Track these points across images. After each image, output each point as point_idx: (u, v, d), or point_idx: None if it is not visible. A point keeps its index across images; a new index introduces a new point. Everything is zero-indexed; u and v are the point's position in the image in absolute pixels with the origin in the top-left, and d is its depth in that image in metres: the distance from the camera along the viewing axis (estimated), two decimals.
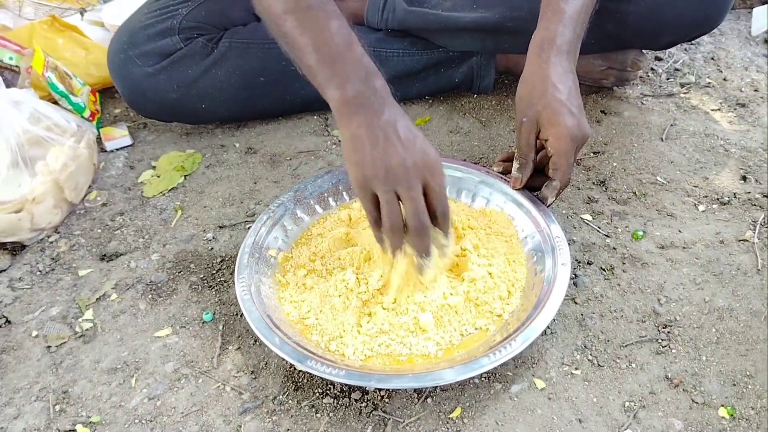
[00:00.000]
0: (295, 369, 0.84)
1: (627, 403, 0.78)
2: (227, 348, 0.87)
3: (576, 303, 0.90)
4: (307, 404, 0.80)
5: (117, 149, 1.24)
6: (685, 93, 1.27)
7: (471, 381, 0.81)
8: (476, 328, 0.84)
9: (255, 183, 1.14)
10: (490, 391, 0.80)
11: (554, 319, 0.88)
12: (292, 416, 0.79)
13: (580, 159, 1.12)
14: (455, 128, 1.23)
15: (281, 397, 0.81)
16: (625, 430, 0.76)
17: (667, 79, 1.32)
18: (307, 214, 1.00)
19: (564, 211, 1.03)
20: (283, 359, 0.79)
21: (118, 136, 1.25)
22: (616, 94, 1.27)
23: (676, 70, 1.35)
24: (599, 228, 1.00)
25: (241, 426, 0.78)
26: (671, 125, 1.19)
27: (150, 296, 0.95)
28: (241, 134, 1.26)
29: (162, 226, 1.07)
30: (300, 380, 0.83)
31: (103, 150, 1.24)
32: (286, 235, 0.97)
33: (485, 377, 0.81)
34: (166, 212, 1.10)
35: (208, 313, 0.91)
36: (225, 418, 0.79)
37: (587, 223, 1.01)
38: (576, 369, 0.82)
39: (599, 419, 0.77)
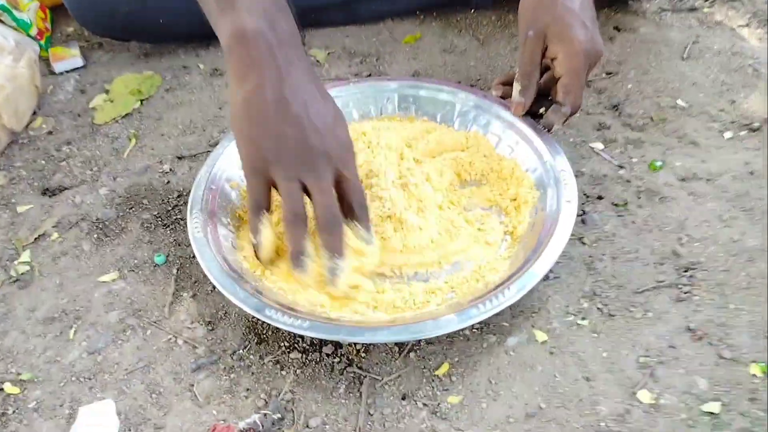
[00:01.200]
0: (258, 320, 0.72)
1: (642, 359, 0.67)
2: (181, 295, 0.76)
3: (584, 243, 0.78)
4: (270, 360, 0.69)
5: (67, 71, 1.10)
6: (708, 7, 1.12)
7: (461, 332, 0.70)
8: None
9: (220, 108, 1.00)
10: (483, 344, 0.69)
11: (558, 262, 0.75)
12: (252, 373, 0.68)
13: (590, 80, 0.98)
14: (449, 47, 1.08)
15: (241, 351, 0.70)
16: (641, 389, 0.65)
17: None
18: None
19: (571, 139, 0.90)
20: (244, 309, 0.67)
21: (68, 57, 1.10)
22: (632, 9, 1.12)
23: None
24: (612, 158, 0.87)
25: (193, 384, 0.67)
26: (693, 43, 1.05)
27: (96, 236, 0.83)
28: (207, 54, 1.11)
29: (113, 157, 0.94)
30: (264, 332, 0.71)
31: (52, 72, 1.10)
32: None
33: (477, 328, 0.70)
34: (119, 141, 0.97)
35: (160, 255, 0.79)
36: (175, 376, 0.68)
37: (598, 153, 0.88)
38: (583, 319, 0.71)
39: (610, 377, 0.66)
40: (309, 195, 0.66)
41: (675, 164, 0.86)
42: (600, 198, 0.83)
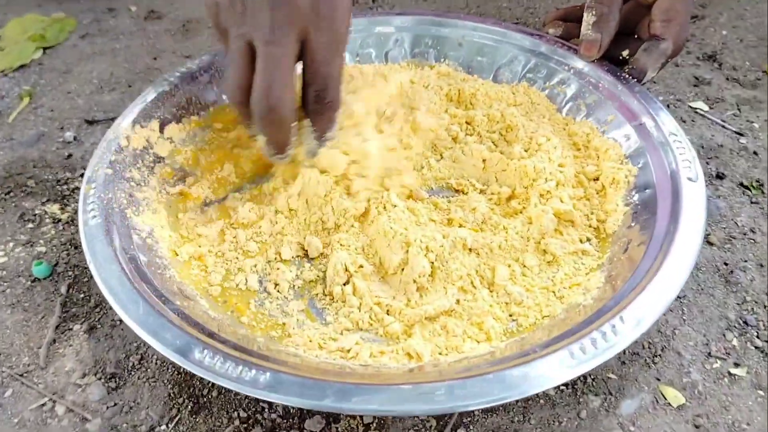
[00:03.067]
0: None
1: None
2: (69, 329, 0.46)
3: (711, 243, 0.50)
4: None
5: None
6: None
7: (541, 393, 0.41)
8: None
9: (155, 59, 0.71)
10: (580, 411, 0.41)
11: None
12: None
13: None
14: None
15: (164, 427, 0.40)
16: None
17: None
18: None
19: (661, 98, 0.63)
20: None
21: None
22: None
23: None
24: (723, 121, 0.60)
25: None
26: None
27: None
28: None
29: None
30: (204, 392, 0.42)
31: None
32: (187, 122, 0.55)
33: (566, 384, 0.42)
34: (5, 101, 0.67)
35: (40, 263, 0.49)
36: None
37: (702, 115, 0.61)
38: (736, 365, 0.43)
39: None
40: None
41: None
42: (720, 177, 0.55)
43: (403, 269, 0.45)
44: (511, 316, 0.43)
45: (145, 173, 0.50)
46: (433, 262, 0.45)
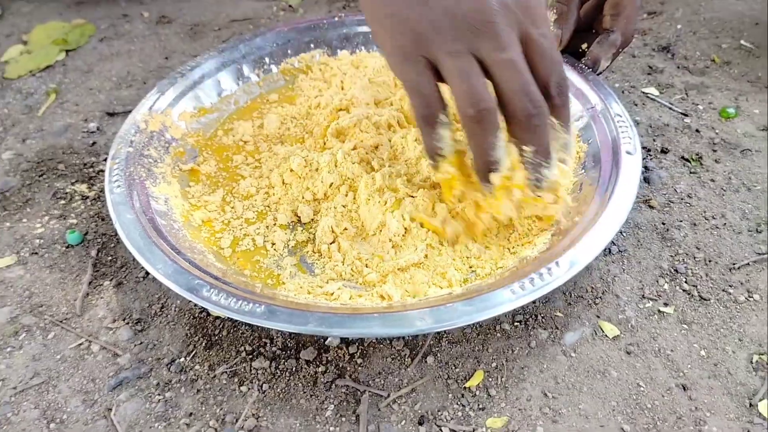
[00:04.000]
0: (208, 315, 0.51)
1: (756, 357, 0.47)
2: (100, 284, 0.54)
3: (652, 207, 0.58)
4: (225, 371, 0.47)
5: None
6: None
7: (499, 328, 0.49)
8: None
9: (166, 58, 0.79)
10: (530, 342, 0.48)
11: (622, 232, 0.56)
12: (198, 391, 0.46)
13: None
14: None
15: (183, 359, 0.48)
16: (761, 399, 0.44)
17: None
18: (237, 80, 0.66)
19: (617, 84, 0.71)
20: (193, 299, 0.45)
21: None
22: None
23: None
24: (671, 104, 0.68)
25: (111, 408, 0.46)
26: None
27: None
28: (153, 1, 0.90)
29: (25, 116, 0.72)
30: (216, 332, 0.50)
31: None
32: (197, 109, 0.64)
33: (519, 321, 0.50)
34: (34, 97, 0.75)
35: (74, 232, 0.58)
36: (86, 396, 0.46)
37: (653, 99, 0.69)
38: (666, 305, 0.51)
39: (716, 384, 0.45)
40: (488, 74, 0.44)
41: (752, 111, 0.67)
42: (665, 151, 0.63)
43: (381, 231, 0.53)
44: (470, 267, 0.51)
45: (161, 152, 0.58)
46: (405, 228, 0.52)
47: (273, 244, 0.54)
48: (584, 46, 0.65)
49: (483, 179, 0.47)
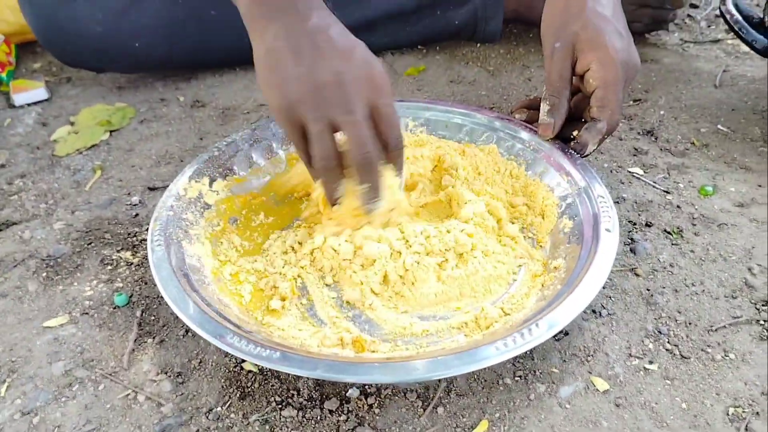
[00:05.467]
0: (241, 369, 0.57)
1: (732, 410, 0.53)
2: (145, 341, 0.61)
3: (637, 275, 0.65)
4: (257, 419, 0.53)
5: (29, 104, 0.98)
6: (733, 38, 1.05)
7: (501, 382, 0.55)
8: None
9: (201, 139, 0.88)
10: (530, 395, 0.54)
11: (610, 297, 0.62)
12: None
13: None
14: (457, 78, 0.99)
15: (219, 409, 0.54)
16: None
17: (708, 26, 1.10)
18: (265, 157, 0.75)
19: (606, 165, 0.79)
20: (232, 355, 0.52)
21: (30, 89, 0.98)
22: (651, 41, 1.05)
23: (717, 17, 1.12)
24: (654, 183, 0.76)
25: None
26: (724, 71, 0.96)
27: (44, 274, 0.68)
28: (188, 87, 1.00)
29: (73, 190, 0.80)
30: (249, 385, 0.56)
31: (12, 106, 0.98)
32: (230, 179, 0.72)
33: (520, 375, 0.56)
34: (82, 173, 0.83)
35: (121, 295, 0.65)
36: None
37: (638, 178, 0.77)
38: (650, 363, 0.57)
39: None
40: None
41: (728, 189, 0.74)
42: (649, 225, 0.70)
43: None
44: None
45: (197, 216, 0.66)
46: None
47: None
48: (575, 132, 0.72)
49: (332, 205, 0.64)
